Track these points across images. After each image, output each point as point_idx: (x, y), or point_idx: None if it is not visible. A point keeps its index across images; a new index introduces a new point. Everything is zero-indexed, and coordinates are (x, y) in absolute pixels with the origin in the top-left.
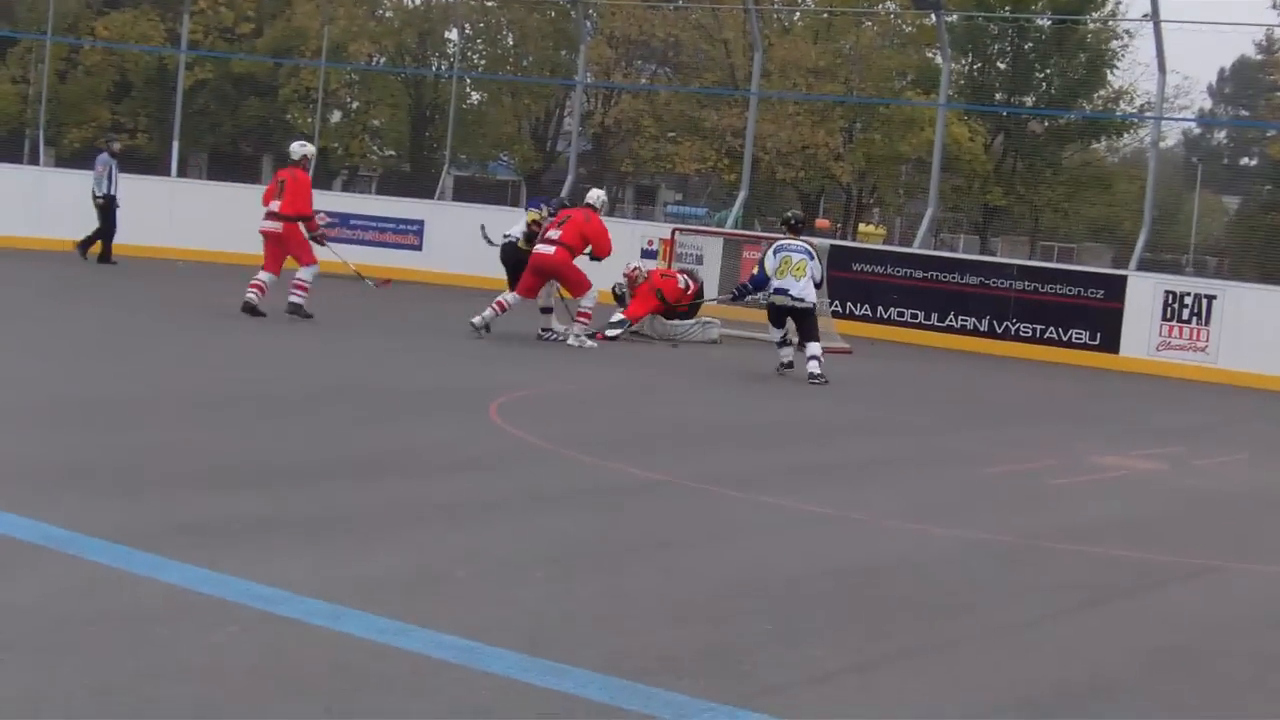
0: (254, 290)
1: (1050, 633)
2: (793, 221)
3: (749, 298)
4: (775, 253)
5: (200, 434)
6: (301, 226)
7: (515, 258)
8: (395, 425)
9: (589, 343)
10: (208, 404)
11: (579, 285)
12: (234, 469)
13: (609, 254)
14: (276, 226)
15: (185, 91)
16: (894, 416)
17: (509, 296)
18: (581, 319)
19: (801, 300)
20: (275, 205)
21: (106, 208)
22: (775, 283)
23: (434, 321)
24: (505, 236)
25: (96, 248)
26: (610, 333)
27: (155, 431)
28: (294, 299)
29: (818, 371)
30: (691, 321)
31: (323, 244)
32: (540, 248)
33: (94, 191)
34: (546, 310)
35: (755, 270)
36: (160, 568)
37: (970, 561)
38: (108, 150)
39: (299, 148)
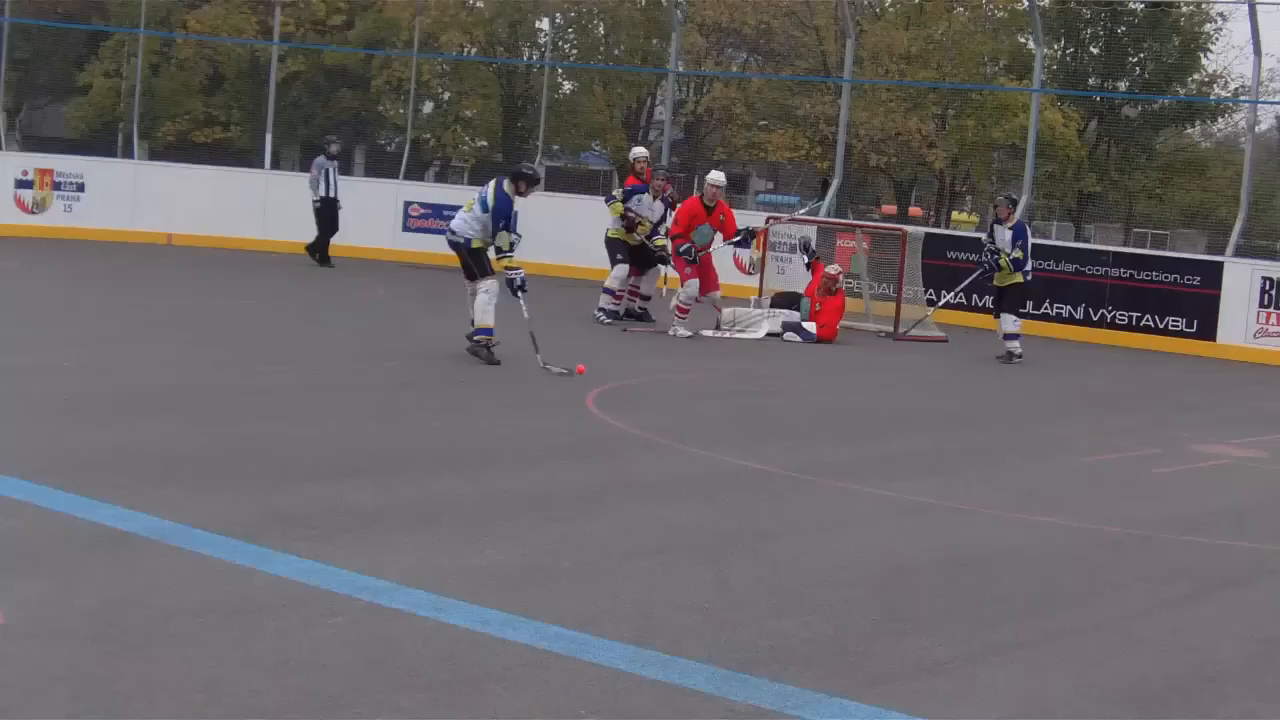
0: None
1: (1160, 623)
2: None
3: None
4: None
5: (298, 425)
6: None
7: (623, 248)
8: (492, 415)
9: (682, 332)
10: (305, 394)
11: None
12: (333, 460)
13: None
14: None
15: (278, 84)
16: (993, 405)
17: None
18: (680, 313)
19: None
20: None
21: (323, 210)
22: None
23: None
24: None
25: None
26: (791, 337)
27: (254, 422)
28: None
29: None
30: (760, 312)
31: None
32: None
33: (311, 195)
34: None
35: (990, 255)
36: (265, 559)
37: (1077, 551)
38: (325, 153)
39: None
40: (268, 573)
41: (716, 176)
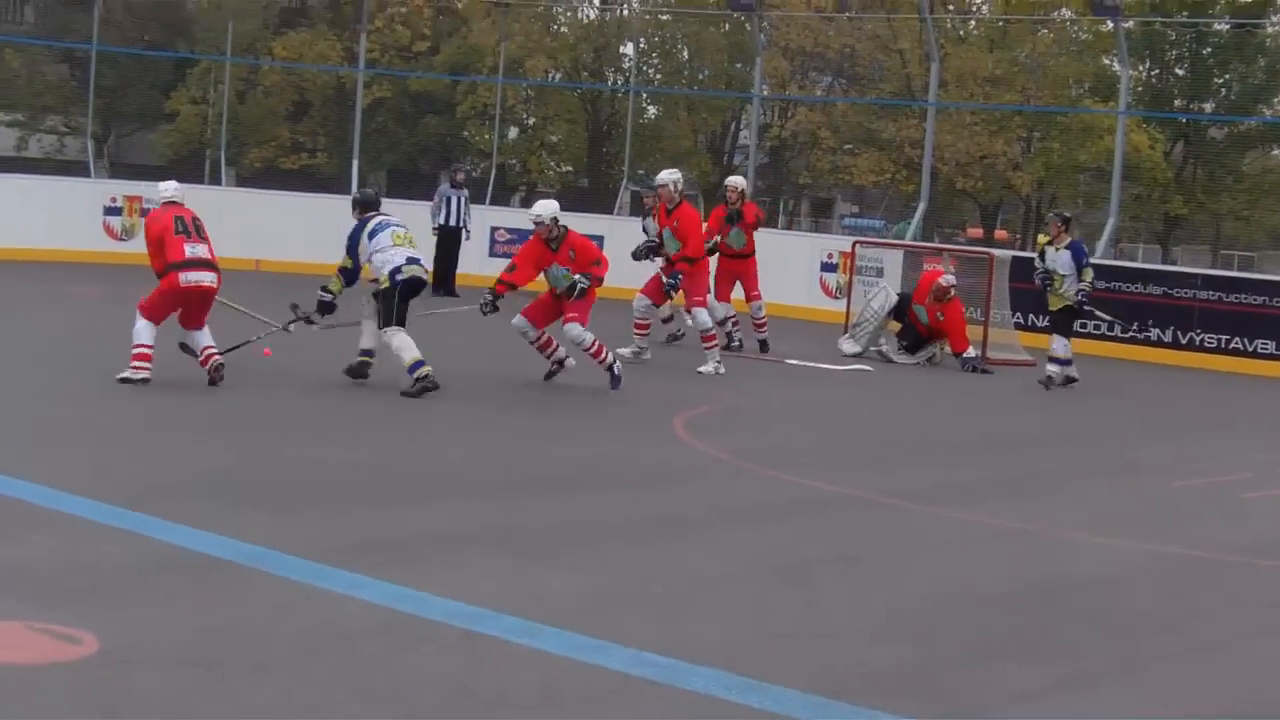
0: None
1: (1254, 649)
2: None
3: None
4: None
5: (380, 448)
6: None
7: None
8: (580, 440)
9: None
10: (388, 418)
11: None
12: (417, 484)
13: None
14: None
15: (364, 110)
16: (1080, 429)
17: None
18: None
19: None
20: None
21: (440, 239)
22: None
23: (617, 335)
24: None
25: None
26: (976, 367)
27: (334, 446)
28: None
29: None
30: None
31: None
32: None
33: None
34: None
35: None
36: (357, 585)
37: (1166, 576)
38: (450, 180)
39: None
40: (358, 598)
41: (544, 207)
